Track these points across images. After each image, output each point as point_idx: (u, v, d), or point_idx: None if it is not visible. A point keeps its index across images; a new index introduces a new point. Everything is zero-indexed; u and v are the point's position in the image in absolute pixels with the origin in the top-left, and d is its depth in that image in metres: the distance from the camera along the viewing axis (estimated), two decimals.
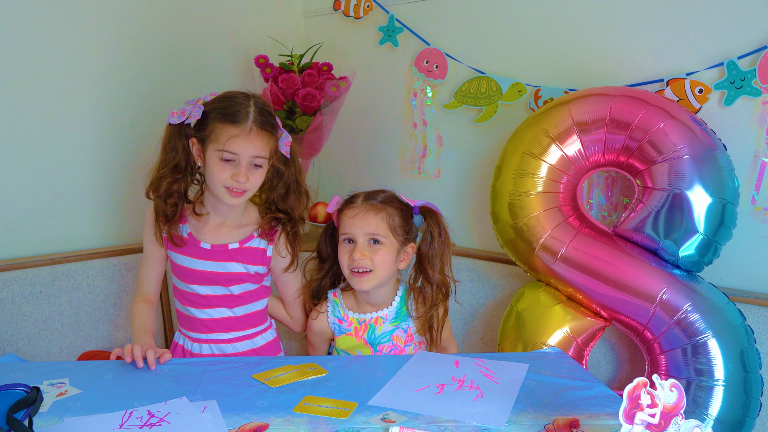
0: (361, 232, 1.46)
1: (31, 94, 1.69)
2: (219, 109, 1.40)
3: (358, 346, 1.52)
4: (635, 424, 0.88)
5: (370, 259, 1.45)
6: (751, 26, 1.58)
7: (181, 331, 1.56)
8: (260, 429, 1.03)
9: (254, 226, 1.51)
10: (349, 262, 1.46)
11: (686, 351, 1.50)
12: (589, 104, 1.60)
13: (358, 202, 1.49)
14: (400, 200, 1.51)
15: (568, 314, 1.64)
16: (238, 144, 1.37)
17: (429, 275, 1.51)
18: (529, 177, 1.65)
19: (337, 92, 2.00)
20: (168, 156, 1.43)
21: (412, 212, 1.51)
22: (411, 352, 1.53)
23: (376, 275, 1.46)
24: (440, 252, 1.50)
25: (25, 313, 1.64)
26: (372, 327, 1.52)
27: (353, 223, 1.46)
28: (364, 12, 2.17)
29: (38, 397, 0.98)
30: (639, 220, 1.57)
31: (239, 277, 1.50)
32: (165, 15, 1.96)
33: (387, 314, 1.53)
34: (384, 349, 1.52)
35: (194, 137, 1.43)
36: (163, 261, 1.53)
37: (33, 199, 1.72)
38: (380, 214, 1.46)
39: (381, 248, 1.46)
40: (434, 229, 1.50)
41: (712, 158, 1.51)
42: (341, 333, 1.53)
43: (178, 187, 1.44)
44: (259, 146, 1.39)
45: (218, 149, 1.37)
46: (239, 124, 1.37)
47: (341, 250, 1.49)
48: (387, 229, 1.46)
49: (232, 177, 1.38)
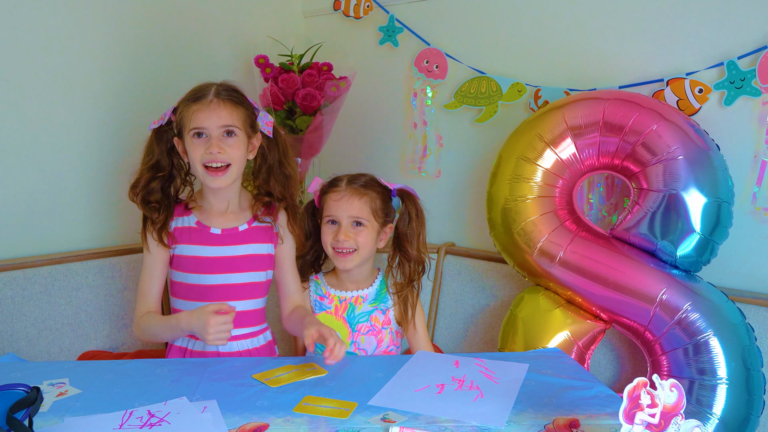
0: (345, 214, 1.54)
1: (31, 93, 1.69)
2: (185, 98, 1.45)
3: (336, 326, 1.56)
4: (635, 424, 0.88)
5: (354, 239, 1.53)
6: (751, 26, 1.58)
7: None
8: (260, 429, 1.03)
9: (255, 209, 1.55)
10: (334, 242, 1.54)
11: (688, 351, 1.50)
12: (582, 108, 1.61)
13: (342, 185, 1.57)
14: (380, 183, 1.59)
15: (569, 318, 1.64)
16: (202, 116, 1.41)
17: (408, 253, 1.59)
18: (525, 182, 1.65)
19: (337, 92, 2.00)
20: (146, 158, 1.48)
21: (391, 195, 1.59)
22: (387, 337, 1.60)
23: (360, 254, 1.54)
24: (417, 231, 1.59)
25: (25, 313, 1.64)
26: (352, 306, 1.59)
27: (338, 206, 1.54)
28: (364, 12, 2.17)
29: (38, 397, 0.98)
30: (636, 222, 1.58)
31: (251, 260, 1.51)
32: (165, 15, 1.96)
33: (367, 294, 1.60)
34: (362, 329, 1.58)
35: (175, 137, 1.48)
36: (164, 268, 1.52)
37: (33, 199, 1.72)
38: (363, 198, 1.54)
39: (364, 230, 1.54)
40: (412, 210, 1.59)
41: (706, 158, 1.51)
42: (321, 310, 1.59)
43: (158, 186, 1.47)
44: (223, 115, 1.42)
45: (189, 130, 1.42)
46: (201, 99, 1.42)
47: (325, 230, 1.57)
48: (369, 212, 1.55)
49: (206, 150, 1.41)
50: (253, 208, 1.53)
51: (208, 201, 1.52)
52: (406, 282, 1.60)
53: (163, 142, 1.48)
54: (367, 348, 1.59)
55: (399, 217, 1.61)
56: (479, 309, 1.97)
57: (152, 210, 1.47)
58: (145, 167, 1.48)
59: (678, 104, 1.67)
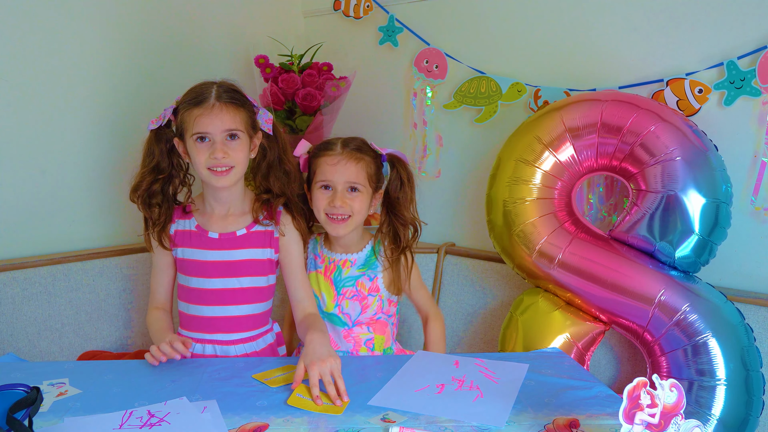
0: (341, 179, 1.51)
1: (31, 93, 1.69)
2: (186, 100, 1.44)
3: (324, 286, 1.58)
4: (635, 424, 0.88)
5: (349, 205, 1.51)
6: (751, 26, 1.58)
7: (181, 333, 1.55)
8: (260, 429, 1.03)
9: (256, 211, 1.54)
10: (328, 208, 1.52)
11: (687, 351, 1.50)
12: (580, 110, 1.61)
13: (338, 149, 1.54)
14: (371, 147, 1.57)
15: (568, 319, 1.64)
16: (205, 121, 1.40)
17: (402, 217, 1.58)
18: (524, 184, 1.65)
19: (337, 92, 2.00)
20: (146, 159, 1.48)
21: (381, 160, 1.58)
22: (374, 304, 1.59)
23: (354, 220, 1.53)
24: (410, 195, 1.59)
25: (25, 313, 1.64)
26: (339, 268, 1.59)
27: (334, 171, 1.51)
28: (364, 12, 2.17)
29: (38, 397, 0.98)
30: (634, 223, 1.58)
31: (250, 265, 1.51)
32: (165, 15, 1.96)
33: (356, 259, 1.60)
34: (347, 293, 1.58)
35: (176, 137, 1.47)
36: (171, 267, 1.54)
37: (33, 199, 1.72)
38: (360, 164, 1.52)
39: (359, 195, 1.53)
40: (403, 175, 1.58)
41: (704, 159, 1.51)
42: (313, 269, 1.60)
43: (159, 187, 1.47)
44: (226, 119, 1.42)
45: (191, 134, 1.42)
46: (203, 103, 1.41)
47: (318, 195, 1.54)
48: (365, 177, 1.53)
49: (210, 156, 1.41)
50: (255, 211, 1.52)
51: (209, 204, 1.52)
52: (402, 247, 1.59)
53: (163, 142, 1.48)
54: (350, 312, 1.58)
55: (390, 183, 1.59)
56: (479, 309, 1.97)
57: (153, 212, 1.48)
58: (146, 169, 1.47)
59: (678, 104, 1.67)
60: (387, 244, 1.61)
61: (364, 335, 1.59)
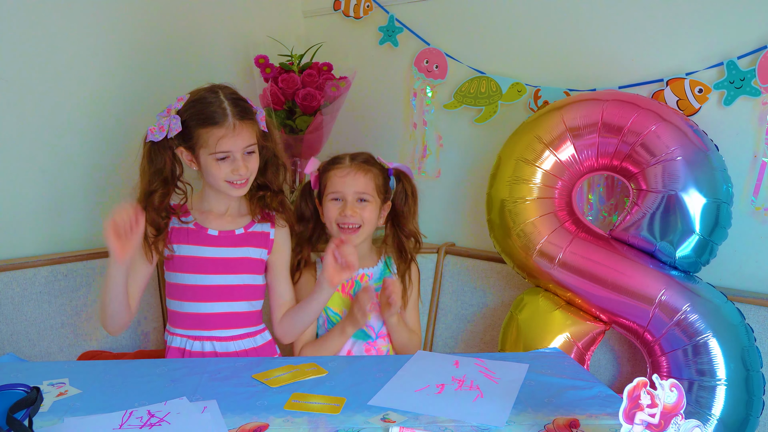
0: (351, 190, 1.58)
1: (31, 93, 1.69)
2: (195, 115, 1.43)
3: (344, 302, 1.63)
4: (635, 424, 0.88)
5: (359, 215, 1.57)
6: (751, 26, 1.58)
7: (173, 331, 1.54)
8: (260, 429, 1.03)
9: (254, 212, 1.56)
10: (339, 218, 1.58)
11: (687, 351, 1.50)
12: (580, 109, 1.61)
13: (346, 162, 1.62)
14: (378, 161, 1.65)
15: (568, 319, 1.64)
16: (228, 142, 1.42)
17: (406, 229, 1.67)
18: (524, 183, 1.65)
19: (337, 92, 2.00)
20: (157, 170, 1.45)
21: (388, 174, 1.65)
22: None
23: (365, 230, 1.60)
24: (413, 208, 1.68)
25: (25, 313, 1.64)
26: (358, 283, 1.64)
27: (344, 182, 1.58)
28: (364, 12, 2.17)
29: (38, 397, 0.98)
30: (635, 223, 1.58)
31: (247, 263, 1.52)
32: (165, 15, 1.96)
33: (372, 273, 1.66)
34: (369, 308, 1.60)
35: (181, 146, 1.46)
36: (146, 276, 1.51)
37: (33, 199, 1.72)
38: (368, 175, 1.60)
39: (368, 205, 1.59)
40: (408, 188, 1.67)
41: (704, 159, 1.51)
42: None
43: (169, 200, 1.49)
44: (246, 136, 1.45)
45: (211, 153, 1.42)
46: (222, 124, 1.41)
47: (329, 207, 1.60)
48: (374, 188, 1.60)
49: (232, 172, 1.44)
50: (252, 212, 1.54)
51: (208, 203, 1.53)
52: (406, 258, 1.66)
53: (166, 150, 1.46)
54: (374, 326, 1.61)
55: (396, 196, 1.67)
56: (479, 309, 1.97)
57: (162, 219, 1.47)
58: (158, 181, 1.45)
59: (678, 104, 1.67)
60: (393, 257, 1.68)
61: (385, 347, 1.64)
